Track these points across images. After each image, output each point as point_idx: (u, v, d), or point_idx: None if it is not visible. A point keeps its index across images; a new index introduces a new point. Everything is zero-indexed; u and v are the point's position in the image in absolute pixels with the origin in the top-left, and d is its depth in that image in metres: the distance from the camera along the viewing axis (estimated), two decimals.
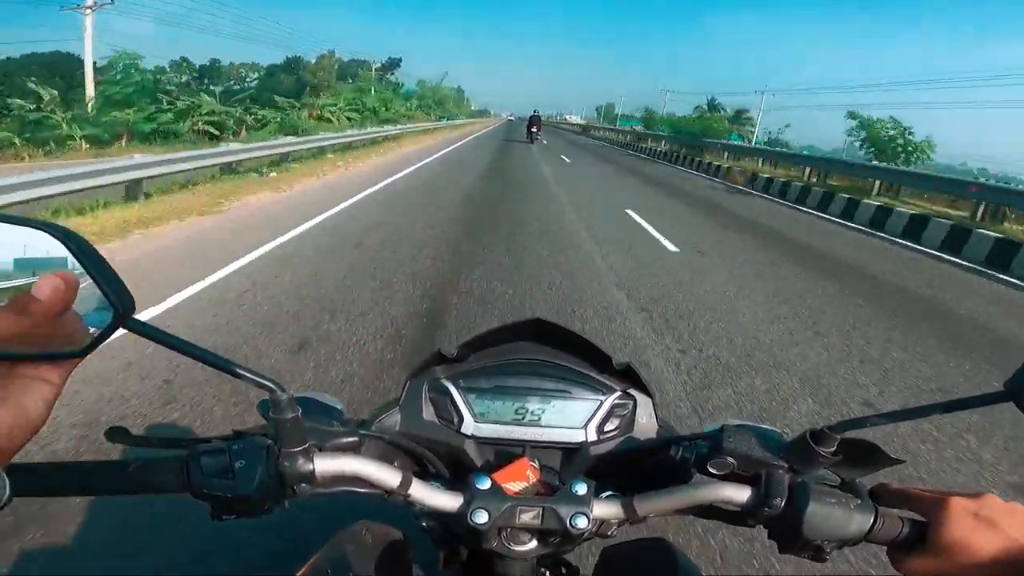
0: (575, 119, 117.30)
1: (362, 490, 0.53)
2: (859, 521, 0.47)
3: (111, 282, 0.34)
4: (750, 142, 30.28)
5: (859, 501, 0.48)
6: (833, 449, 0.47)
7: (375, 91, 36.22)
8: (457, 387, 0.61)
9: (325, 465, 0.48)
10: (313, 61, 39.49)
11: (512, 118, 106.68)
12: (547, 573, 0.72)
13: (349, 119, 28.00)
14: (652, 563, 0.65)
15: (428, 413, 0.62)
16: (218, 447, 0.47)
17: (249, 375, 0.41)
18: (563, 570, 0.72)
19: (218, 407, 2.38)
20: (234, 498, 0.46)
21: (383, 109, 33.15)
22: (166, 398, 2.44)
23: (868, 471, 0.51)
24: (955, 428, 2.67)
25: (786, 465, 0.50)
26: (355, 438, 0.53)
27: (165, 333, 0.37)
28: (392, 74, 49.97)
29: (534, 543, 0.55)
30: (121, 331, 0.34)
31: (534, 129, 24.10)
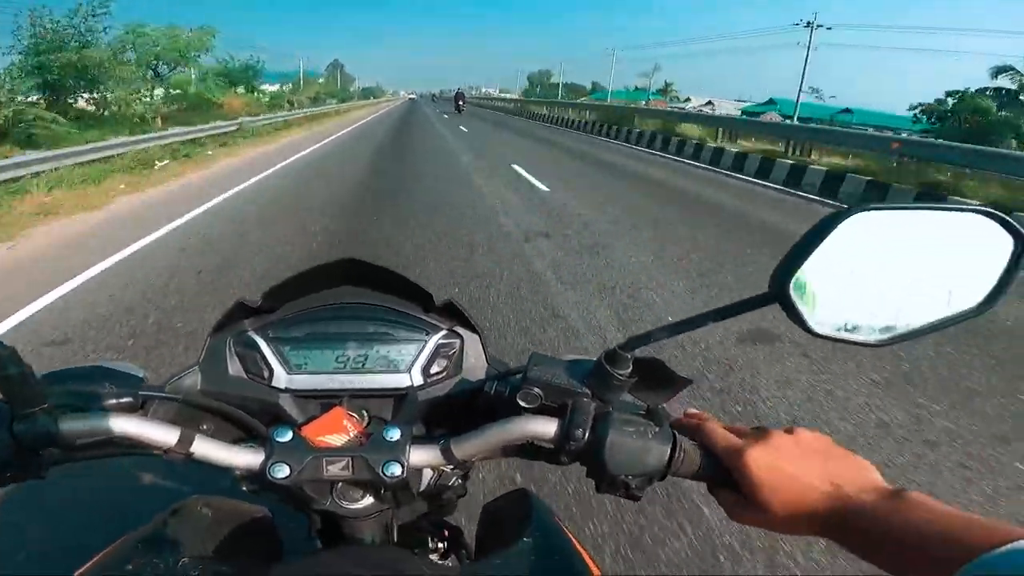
0: (492, 92, 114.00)
1: (137, 452, 0.47)
2: (657, 453, 0.44)
3: None
4: None
5: (657, 429, 0.46)
6: (628, 370, 0.46)
7: None
8: (265, 338, 0.57)
9: (75, 425, 0.43)
10: None
11: (415, 96, 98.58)
12: (430, 537, 0.70)
13: None
14: (514, 513, 0.64)
15: (234, 369, 0.56)
16: None
17: None
18: (446, 532, 0.70)
19: None
20: None
21: None
22: None
23: (666, 395, 0.51)
24: None
25: (590, 393, 0.48)
26: (129, 399, 0.48)
27: None
28: None
29: (369, 499, 0.52)
30: None
31: (460, 103, 33.19)
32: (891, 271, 0.41)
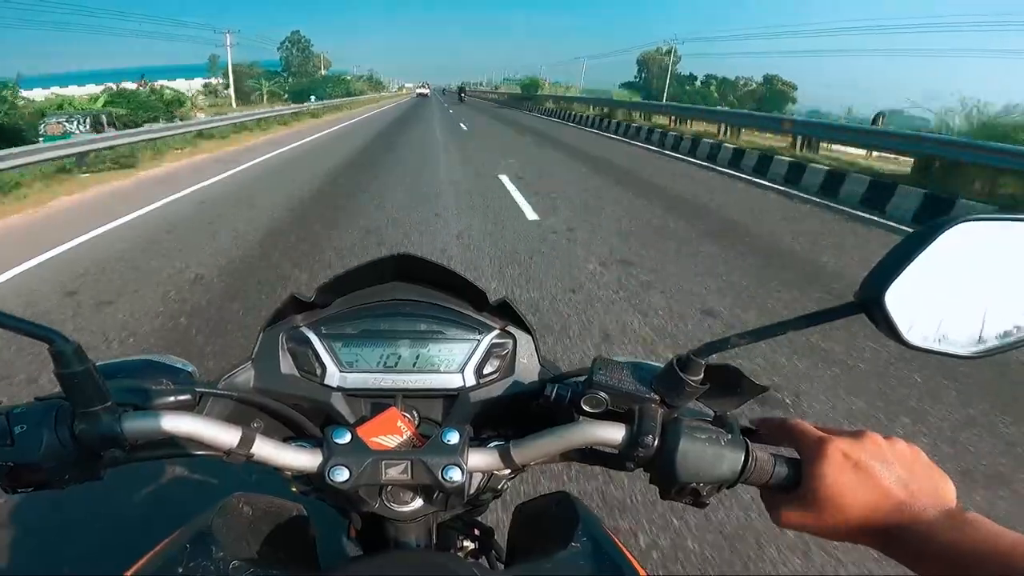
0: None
1: (199, 453, 0.46)
2: (730, 459, 0.44)
3: None
4: None
5: (729, 436, 0.45)
6: (700, 377, 0.45)
7: None
8: (318, 334, 0.56)
9: (138, 425, 0.41)
10: None
11: (426, 92, 71.84)
12: (460, 537, 0.69)
13: None
14: (556, 517, 0.62)
15: (286, 366, 0.56)
16: None
17: (20, 325, 0.35)
18: (476, 532, 0.69)
19: None
20: (17, 467, 0.40)
21: None
22: None
23: (738, 402, 0.50)
24: None
25: (658, 398, 0.47)
26: (187, 396, 0.47)
27: None
28: None
29: (419, 502, 0.51)
30: None
31: (462, 94, 45.28)
32: (990, 282, 0.39)
